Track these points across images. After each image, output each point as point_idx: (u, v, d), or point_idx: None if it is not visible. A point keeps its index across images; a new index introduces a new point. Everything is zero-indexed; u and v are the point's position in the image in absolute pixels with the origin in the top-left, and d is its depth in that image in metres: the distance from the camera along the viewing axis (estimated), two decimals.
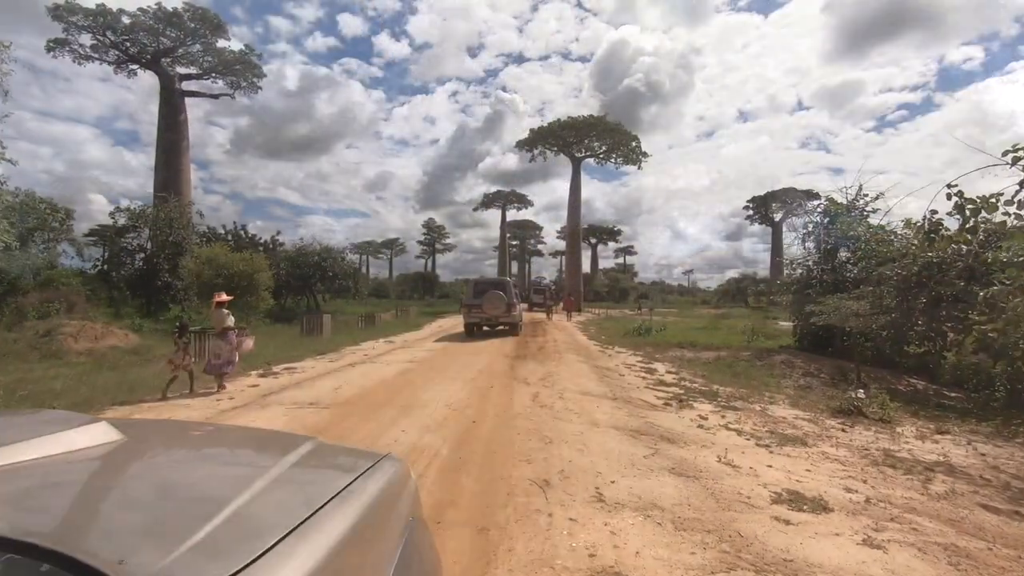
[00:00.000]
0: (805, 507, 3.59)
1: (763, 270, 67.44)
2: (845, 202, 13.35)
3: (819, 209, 13.89)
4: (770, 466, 4.46)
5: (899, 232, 11.69)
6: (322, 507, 0.91)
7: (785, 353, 11.76)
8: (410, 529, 1.16)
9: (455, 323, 23.28)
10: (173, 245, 20.99)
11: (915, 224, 10.35)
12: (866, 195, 13.24)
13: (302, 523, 0.83)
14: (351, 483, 1.05)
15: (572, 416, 5.55)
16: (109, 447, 1.13)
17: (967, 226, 6.67)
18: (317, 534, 0.82)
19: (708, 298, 73.09)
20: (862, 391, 7.22)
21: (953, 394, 9.40)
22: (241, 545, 0.74)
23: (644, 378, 8.85)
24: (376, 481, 1.12)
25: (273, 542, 0.75)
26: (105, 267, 21.30)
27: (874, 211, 13.09)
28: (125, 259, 21.05)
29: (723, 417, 6.29)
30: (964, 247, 7.28)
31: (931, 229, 7.44)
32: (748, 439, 5.34)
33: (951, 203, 6.75)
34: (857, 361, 9.85)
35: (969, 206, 6.43)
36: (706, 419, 6.09)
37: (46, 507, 0.86)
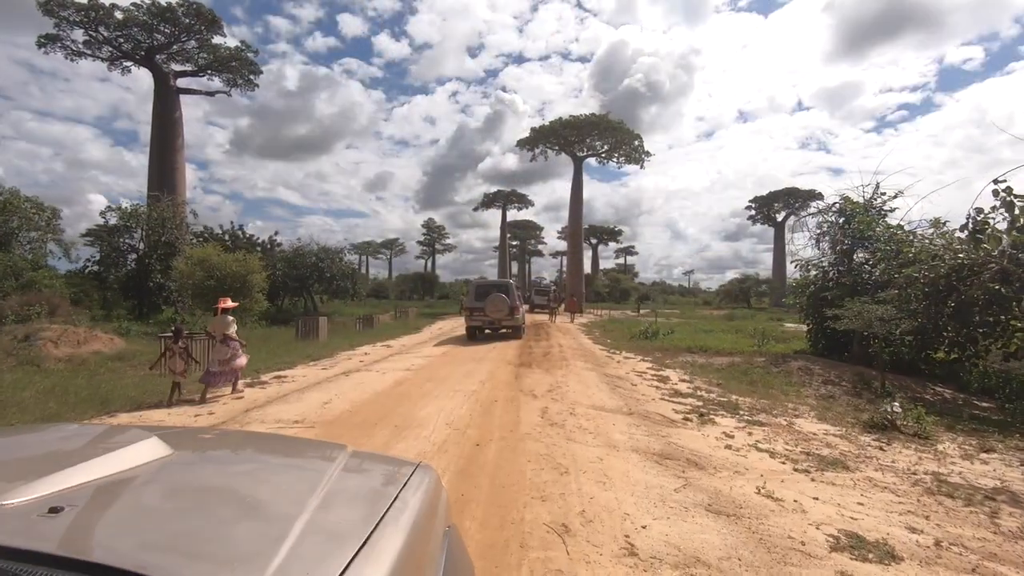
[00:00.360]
0: (871, 556, 3.04)
1: (764, 270, 67.03)
2: (862, 201, 12.79)
3: (834, 208, 13.30)
4: (816, 498, 3.91)
5: (919, 233, 11.18)
6: (379, 522, 0.92)
7: (801, 359, 11.20)
8: (448, 538, 1.17)
9: (455, 325, 22.72)
10: (165, 245, 20.41)
11: (942, 223, 9.82)
12: (883, 193, 12.68)
13: (367, 540, 0.84)
14: (398, 495, 1.07)
15: (587, 436, 4.98)
16: (163, 463, 1.15)
17: (1018, 224, 6.09)
18: (379, 550, 0.83)
19: (710, 299, 72.58)
20: (897, 404, 6.66)
21: (984, 404, 8.87)
22: (320, 565, 0.75)
23: (657, 387, 8.29)
24: (417, 493, 1.13)
25: (347, 561, 0.76)
26: (98, 268, 20.74)
27: (892, 210, 12.54)
28: (117, 260, 20.44)
29: (750, 435, 5.74)
30: (1009, 247, 6.71)
31: (976, 228, 6.86)
32: (783, 462, 4.79)
33: (989, 201, 6.15)
34: (881, 369, 9.29)
35: (1019, 203, 5.86)
36: (732, 437, 5.55)
37: (133, 530, 0.86)
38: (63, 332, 10.99)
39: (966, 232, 7.37)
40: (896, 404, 6.66)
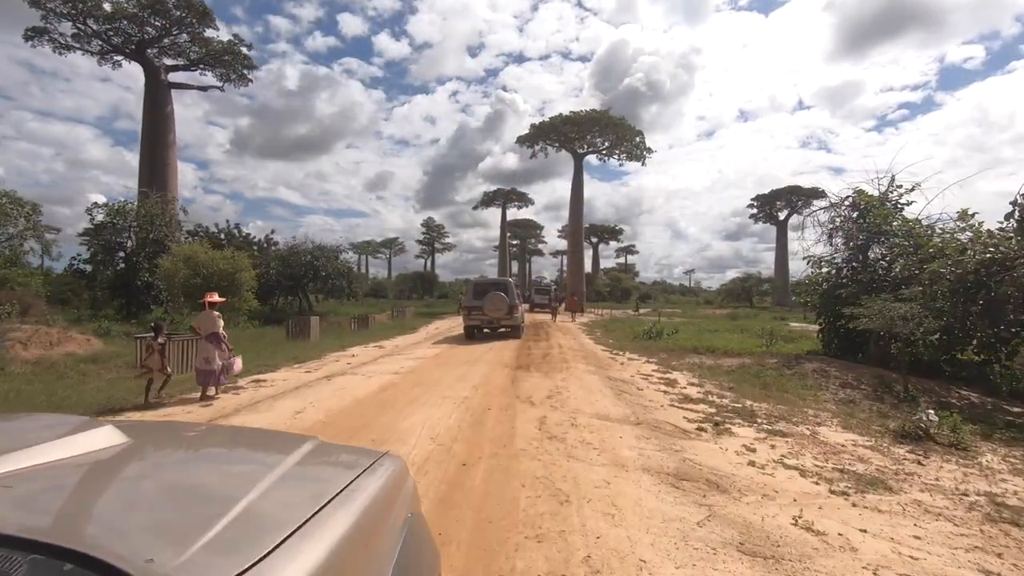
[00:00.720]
0: None
1: (765, 269, 66.45)
2: (877, 193, 12.15)
3: (847, 202, 12.65)
4: (864, 530, 3.30)
5: (939, 227, 10.57)
6: (326, 505, 0.92)
7: (816, 360, 10.58)
8: (409, 524, 1.18)
9: (452, 325, 22.11)
10: (154, 243, 19.77)
11: (970, 214, 9.20)
12: (899, 186, 12.05)
13: (307, 521, 0.85)
14: (352, 481, 1.07)
15: (591, 453, 4.35)
16: (116, 450, 1.15)
17: None
18: (322, 531, 0.84)
19: (711, 298, 71.94)
20: (932, 412, 6.04)
21: (1016, 409, 8.26)
22: (251, 542, 0.75)
23: (665, 392, 7.67)
24: (377, 479, 1.13)
25: (281, 539, 0.77)
26: (87, 267, 20.07)
27: (909, 203, 11.90)
28: (105, 258, 19.77)
29: (772, 447, 5.13)
30: None
31: None
32: (816, 482, 4.17)
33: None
34: (904, 371, 8.67)
35: None
36: (754, 451, 4.93)
37: (65, 509, 0.87)
38: (34, 333, 10.39)
39: (1011, 221, 6.73)
40: (931, 412, 6.04)
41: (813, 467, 4.58)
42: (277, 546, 0.74)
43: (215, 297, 7.35)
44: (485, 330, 15.94)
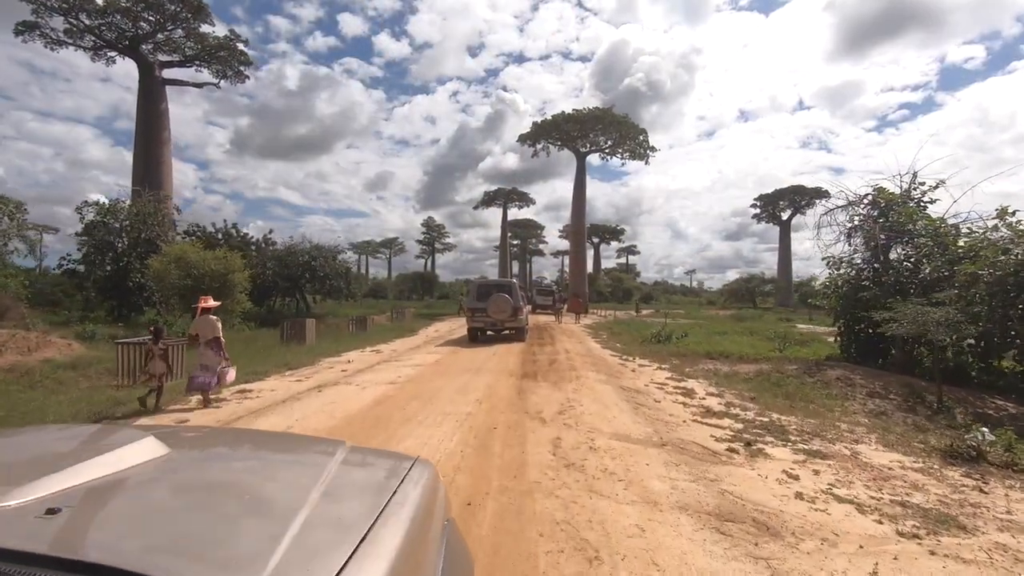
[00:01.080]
0: None
1: (767, 269, 65.91)
2: (899, 192, 11.57)
3: (866, 200, 12.06)
4: None
5: (964, 227, 10.01)
6: (377, 519, 0.92)
7: (838, 367, 9.99)
8: (447, 532, 1.17)
9: (453, 327, 21.55)
10: (146, 243, 19.17)
11: (1010, 211, 8.63)
12: (922, 183, 11.46)
13: (365, 538, 0.84)
14: (396, 491, 1.06)
15: (615, 485, 3.75)
16: (160, 462, 1.13)
17: None
18: (378, 548, 0.82)
19: (714, 298, 71.41)
20: (986, 430, 5.47)
21: None
22: (319, 564, 0.74)
23: (684, 404, 7.09)
24: (416, 487, 1.12)
25: (344, 560, 0.75)
26: (80, 267, 19.46)
27: (932, 202, 11.32)
28: (96, 258, 19.15)
29: (816, 473, 4.55)
30: None
31: None
32: (879, 520, 3.59)
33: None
34: (939, 380, 8.09)
35: None
36: (796, 478, 4.35)
37: (126, 530, 0.86)
38: (10, 338, 9.80)
39: None
40: (985, 430, 5.47)
41: (868, 499, 3.99)
42: (346, 563, 0.74)
43: (209, 302, 6.95)
44: (488, 332, 15.45)
